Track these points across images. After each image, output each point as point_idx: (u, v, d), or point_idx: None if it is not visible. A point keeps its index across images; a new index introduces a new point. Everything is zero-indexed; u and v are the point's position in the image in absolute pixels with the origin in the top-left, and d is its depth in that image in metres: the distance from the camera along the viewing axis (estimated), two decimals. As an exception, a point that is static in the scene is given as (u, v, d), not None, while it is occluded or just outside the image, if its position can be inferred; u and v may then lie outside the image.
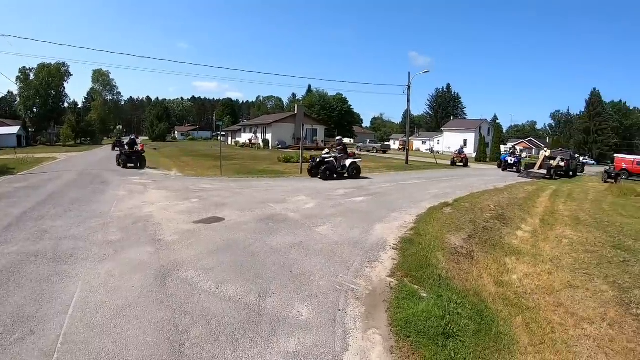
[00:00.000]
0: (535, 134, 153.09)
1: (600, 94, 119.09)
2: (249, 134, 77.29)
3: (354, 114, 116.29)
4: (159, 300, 6.07)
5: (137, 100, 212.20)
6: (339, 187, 19.38)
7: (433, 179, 27.62)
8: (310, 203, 14.56)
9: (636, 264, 10.02)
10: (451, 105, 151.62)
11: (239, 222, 11.18)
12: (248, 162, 34.45)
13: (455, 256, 9.38)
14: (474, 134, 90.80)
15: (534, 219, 14.98)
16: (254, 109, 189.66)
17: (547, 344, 6.18)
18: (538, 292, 8.23)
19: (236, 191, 17.15)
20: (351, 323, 5.79)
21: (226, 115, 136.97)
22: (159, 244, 8.98)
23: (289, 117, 66.65)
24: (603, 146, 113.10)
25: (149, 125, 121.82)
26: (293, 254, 8.54)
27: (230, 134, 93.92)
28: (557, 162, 36.87)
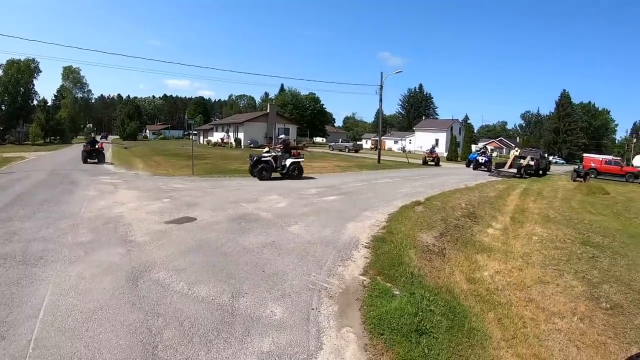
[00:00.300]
0: (506, 134, 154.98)
1: (569, 95, 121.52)
2: (220, 133, 76.85)
3: (326, 113, 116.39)
4: (131, 302, 5.98)
5: (108, 98, 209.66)
6: (311, 186, 19.38)
7: (405, 178, 27.75)
8: (282, 202, 14.52)
9: (605, 260, 10.22)
10: (423, 105, 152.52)
11: (211, 222, 11.09)
12: (220, 162, 34.18)
13: (427, 254, 9.43)
14: (446, 133, 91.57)
15: (505, 216, 15.14)
16: (226, 108, 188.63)
17: (519, 339, 6.27)
18: (509, 288, 8.34)
19: (208, 191, 17.04)
20: (325, 322, 5.77)
21: (198, 114, 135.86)
22: (130, 244, 8.85)
23: (261, 116, 66.64)
24: (572, 146, 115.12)
25: (119, 124, 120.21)
26: (266, 254, 8.49)
27: (202, 133, 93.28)
28: (527, 161, 37.37)
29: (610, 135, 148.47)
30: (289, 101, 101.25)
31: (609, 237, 12.47)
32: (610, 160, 46.71)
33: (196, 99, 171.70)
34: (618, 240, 12.22)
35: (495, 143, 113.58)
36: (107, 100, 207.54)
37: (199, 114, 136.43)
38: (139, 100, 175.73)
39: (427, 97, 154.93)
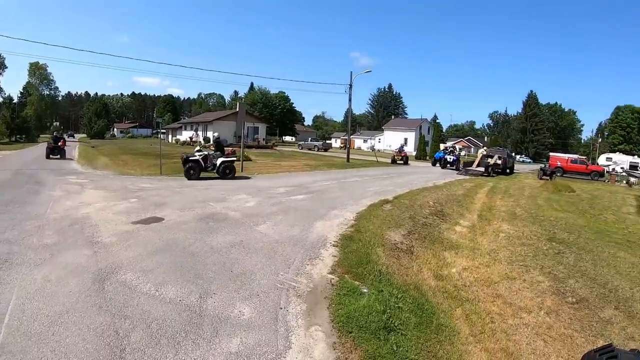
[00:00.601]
0: (474, 133, 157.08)
1: (537, 95, 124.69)
2: (189, 132, 76.40)
3: (295, 112, 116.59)
4: (98, 305, 5.86)
5: (76, 96, 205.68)
6: (279, 186, 19.29)
7: (373, 176, 27.80)
8: (250, 201, 14.43)
9: (570, 256, 10.39)
10: (392, 104, 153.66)
11: (178, 222, 10.95)
12: (189, 161, 33.89)
13: (395, 252, 9.46)
14: (414, 132, 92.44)
15: (472, 214, 15.28)
16: (196, 106, 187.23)
17: (487, 334, 6.33)
18: (477, 284, 8.42)
19: (176, 190, 16.85)
20: (293, 321, 5.74)
21: (167, 112, 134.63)
22: (96, 246, 8.66)
23: (230, 115, 66.13)
24: (539, 145, 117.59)
25: (87, 122, 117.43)
26: (234, 253, 8.41)
27: (170, 132, 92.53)
28: (494, 160, 37.80)
29: (576, 135, 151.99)
30: (259, 100, 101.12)
31: (575, 234, 12.67)
32: (576, 160, 47.75)
33: (165, 97, 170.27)
34: (583, 237, 12.43)
35: (463, 142, 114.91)
36: (75, 97, 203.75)
37: (167, 113, 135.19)
38: (107, 97, 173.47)
39: (397, 96, 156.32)
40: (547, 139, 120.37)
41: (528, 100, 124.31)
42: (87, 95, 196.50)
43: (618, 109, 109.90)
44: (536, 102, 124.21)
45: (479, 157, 39.80)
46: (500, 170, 37.94)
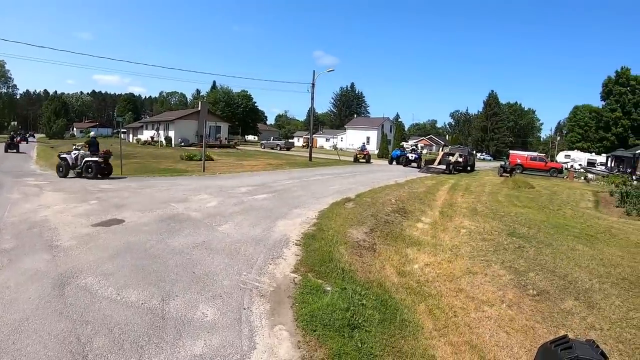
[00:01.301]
0: (436, 132, 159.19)
1: (497, 95, 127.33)
2: (151, 131, 75.47)
3: (258, 111, 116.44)
4: (58, 311, 5.72)
5: (34, 94, 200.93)
6: (241, 185, 19.20)
7: (336, 175, 27.94)
8: (212, 201, 14.32)
9: (530, 249, 10.56)
10: (355, 103, 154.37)
11: (139, 224, 10.80)
12: (149, 161, 33.61)
13: (357, 249, 9.49)
14: (377, 131, 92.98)
15: (434, 211, 15.41)
16: (157, 105, 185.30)
17: (451, 328, 6.41)
18: (439, 279, 8.50)
19: (137, 191, 16.61)
20: (257, 321, 5.71)
21: (128, 111, 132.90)
22: (56, 250, 8.47)
23: (192, 114, 65.54)
24: (499, 143, 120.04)
25: (45, 122, 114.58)
26: (196, 254, 8.33)
27: (131, 131, 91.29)
28: (455, 158, 38.33)
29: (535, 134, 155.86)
30: (221, 99, 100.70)
31: (534, 228, 12.88)
32: (535, 157, 48.92)
33: (126, 96, 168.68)
34: (543, 231, 12.64)
35: (425, 141, 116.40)
36: (33, 96, 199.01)
37: (128, 111, 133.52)
38: (67, 96, 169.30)
39: (359, 95, 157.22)
40: (507, 137, 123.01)
41: (489, 99, 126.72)
42: (46, 93, 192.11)
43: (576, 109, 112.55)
44: (496, 102, 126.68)
45: (440, 155, 40.33)
46: (461, 168, 38.50)
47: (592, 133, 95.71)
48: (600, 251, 10.91)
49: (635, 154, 53.91)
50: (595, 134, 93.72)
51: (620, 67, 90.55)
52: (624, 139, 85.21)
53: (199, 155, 33.06)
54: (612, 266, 9.70)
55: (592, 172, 48.89)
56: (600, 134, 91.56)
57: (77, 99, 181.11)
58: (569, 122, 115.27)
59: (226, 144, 68.64)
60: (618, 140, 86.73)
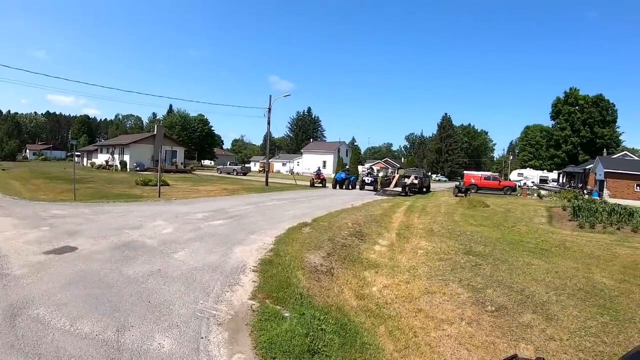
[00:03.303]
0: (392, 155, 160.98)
1: (450, 118, 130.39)
2: (105, 155, 74.37)
3: (215, 135, 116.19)
4: (9, 344, 5.50)
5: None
6: (198, 211, 18.99)
7: (292, 200, 27.91)
8: (168, 228, 14.11)
9: (487, 267, 10.77)
10: (311, 127, 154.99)
11: (92, 251, 10.52)
12: (104, 186, 32.97)
13: (315, 274, 9.49)
14: (333, 155, 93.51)
15: (391, 233, 15.54)
16: (112, 128, 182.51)
17: (412, 348, 6.44)
18: (398, 300, 8.56)
19: (90, 217, 16.24)
20: (215, 350, 5.63)
21: (82, 134, 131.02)
22: (6, 279, 8.17)
23: (148, 138, 64.97)
24: (454, 164, 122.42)
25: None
26: (151, 283, 8.18)
27: (86, 155, 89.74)
28: (411, 180, 38.88)
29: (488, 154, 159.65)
30: (178, 122, 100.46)
31: (490, 246, 13.12)
32: (489, 176, 50.26)
33: (81, 118, 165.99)
34: (498, 248, 12.90)
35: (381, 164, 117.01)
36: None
37: (83, 134, 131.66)
38: (20, 116, 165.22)
39: (315, 120, 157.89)
40: (461, 158, 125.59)
41: (442, 122, 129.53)
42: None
43: (527, 128, 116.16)
44: (450, 124, 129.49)
45: (396, 178, 40.77)
46: (417, 190, 39.09)
47: (544, 151, 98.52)
48: (556, 264, 11.23)
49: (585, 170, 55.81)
50: (547, 152, 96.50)
51: (569, 87, 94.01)
52: (574, 156, 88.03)
53: (154, 180, 32.63)
54: (567, 278, 9.99)
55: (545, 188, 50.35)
56: (551, 151, 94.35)
57: (30, 120, 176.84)
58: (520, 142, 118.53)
59: (182, 168, 68.05)
60: (568, 157, 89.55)
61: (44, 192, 27.73)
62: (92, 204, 21.41)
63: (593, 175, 51.15)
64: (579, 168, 62.63)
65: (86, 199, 23.69)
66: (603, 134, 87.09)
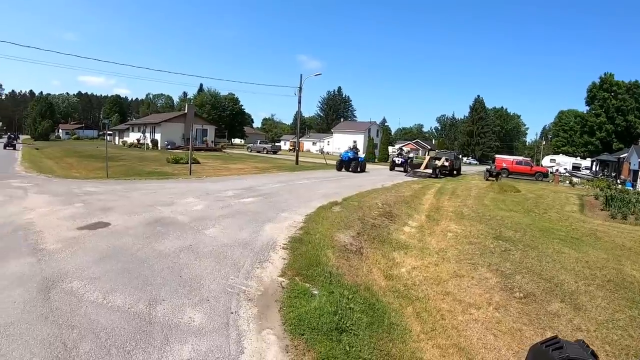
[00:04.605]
0: (422, 136, 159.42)
1: (483, 100, 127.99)
2: (137, 134, 75.05)
3: (245, 114, 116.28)
4: (44, 316, 5.64)
5: (20, 95, 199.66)
6: (228, 189, 19.10)
7: (323, 179, 27.89)
8: (199, 205, 14.23)
9: (516, 252, 10.62)
10: (342, 107, 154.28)
11: (125, 227, 10.67)
12: (135, 164, 33.35)
13: (345, 253, 9.48)
14: (363, 135, 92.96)
15: (420, 214, 15.45)
16: (143, 107, 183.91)
17: (438, 331, 6.42)
18: (426, 282, 8.52)
19: (122, 194, 16.46)
20: (245, 325, 5.68)
21: (114, 113, 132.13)
22: (41, 253, 8.35)
23: (179, 117, 65.39)
24: (485, 147, 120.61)
25: (31, 123, 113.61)
26: (182, 258, 8.27)
27: (117, 133, 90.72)
28: (441, 162, 38.50)
29: (521, 138, 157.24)
30: (208, 101, 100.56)
31: (520, 232, 12.95)
32: (521, 161, 49.15)
33: (112, 98, 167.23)
34: (529, 234, 12.71)
35: (411, 145, 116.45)
36: (19, 96, 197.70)
37: (114, 113, 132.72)
38: (53, 97, 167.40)
39: (346, 99, 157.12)
40: (493, 141, 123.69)
41: (475, 104, 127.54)
42: (32, 94, 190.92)
43: (561, 113, 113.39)
44: (483, 106, 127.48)
45: (426, 159, 40.44)
46: (447, 172, 38.70)
47: (577, 137, 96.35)
48: (586, 254, 11.02)
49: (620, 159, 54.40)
50: (580, 139, 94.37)
51: (604, 72, 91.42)
52: (608, 144, 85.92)
53: (185, 158, 32.96)
54: (597, 268, 9.80)
55: (577, 176, 49.48)
56: (585, 138, 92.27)
57: (63, 100, 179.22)
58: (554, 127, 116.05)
59: (213, 147, 68.38)
60: (602, 144, 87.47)
61: (76, 170, 28.22)
62: (124, 181, 21.71)
63: (627, 165, 49.70)
64: (612, 157, 61.01)
65: (118, 176, 24.04)
66: (637, 123, 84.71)
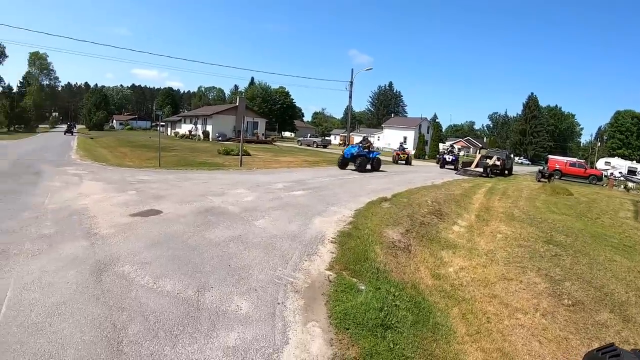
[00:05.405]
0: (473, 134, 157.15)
1: (537, 98, 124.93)
2: (189, 125, 76.25)
3: (295, 107, 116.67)
4: (95, 297, 5.85)
5: (75, 87, 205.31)
6: (278, 181, 19.26)
7: (372, 174, 27.69)
8: (249, 196, 14.40)
9: (567, 258, 10.38)
10: (392, 102, 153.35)
11: (177, 215, 10.92)
12: (187, 154, 33.89)
13: (392, 250, 9.45)
14: (414, 131, 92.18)
15: (470, 214, 15.27)
16: (195, 100, 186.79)
17: (483, 334, 6.35)
18: (473, 284, 8.42)
19: (174, 183, 16.80)
20: (291, 316, 5.75)
21: (166, 105, 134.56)
22: (94, 237, 8.64)
23: (230, 109, 65.95)
24: (538, 147, 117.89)
25: (86, 113, 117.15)
26: (232, 248, 8.40)
27: (169, 125, 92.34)
28: (493, 161, 37.88)
29: (575, 139, 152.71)
30: (259, 95, 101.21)
31: (572, 237, 12.66)
32: (575, 163, 47.82)
33: (165, 90, 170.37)
34: (580, 240, 12.42)
35: (462, 142, 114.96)
36: (74, 88, 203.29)
37: (167, 105, 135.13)
38: (107, 89, 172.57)
39: (397, 94, 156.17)
40: (546, 141, 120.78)
41: (528, 102, 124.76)
42: (87, 86, 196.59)
43: (618, 114, 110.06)
44: (536, 105, 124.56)
45: (477, 158, 39.87)
46: (498, 172, 37.99)
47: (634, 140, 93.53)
48: (639, 263, 10.71)
49: (680, 164, 52.48)
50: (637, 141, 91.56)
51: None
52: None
53: (236, 150, 33.32)
54: (650, 280, 9.51)
55: (633, 180, 47.88)
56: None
57: (117, 92, 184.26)
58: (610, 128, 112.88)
59: (263, 139, 68.84)
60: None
61: (130, 159, 28.89)
62: (176, 170, 22.14)
63: (687, 171, 48.17)
64: (672, 162, 59.19)
65: (170, 166, 24.54)
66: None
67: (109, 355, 4.54)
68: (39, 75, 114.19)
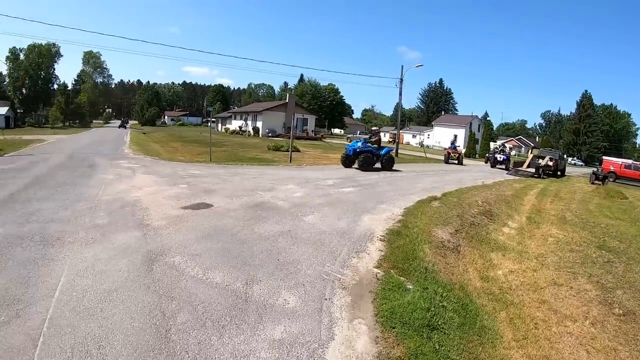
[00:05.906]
0: (525, 133, 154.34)
1: (591, 96, 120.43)
2: (239, 121, 77.17)
3: (345, 104, 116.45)
4: (146, 285, 6.03)
5: (128, 84, 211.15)
6: (328, 177, 19.35)
7: (422, 172, 27.61)
8: (298, 192, 14.51)
9: (620, 265, 10.08)
10: (443, 100, 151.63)
11: (227, 209, 11.12)
12: (238, 150, 34.34)
13: (441, 250, 9.38)
14: (465, 129, 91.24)
15: (521, 216, 15.02)
16: (245, 96, 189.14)
17: (530, 340, 6.23)
18: (522, 288, 8.29)
19: (225, 178, 17.06)
20: (337, 312, 5.78)
21: (217, 102, 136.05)
22: (146, 228, 8.91)
23: (279, 106, 66.42)
24: (592, 148, 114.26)
25: (138, 109, 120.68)
26: (281, 242, 8.50)
27: (220, 121, 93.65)
28: (545, 161, 37.04)
29: (631, 139, 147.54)
30: (308, 91, 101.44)
31: (625, 243, 12.31)
32: (630, 165, 46.07)
33: (215, 87, 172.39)
34: (634, 246, 12.06)
35: (514, 142, 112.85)
36: (127, 85, 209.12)
37: (217, 102, 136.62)
38: (158, 86, 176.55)
39: (447, 92, 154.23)
40: (600, 141, 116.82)
41: (582, 100, 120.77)
42: (139, 83, 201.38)
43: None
44: (590, 103, 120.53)
45: (529, 158, 39.10)
46: (551, 172, 37.10)
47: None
48: (697, 274, 10.36)
49: None
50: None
51: None
52: None
53: (285, 146, 33.56)
54: None
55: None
56: None
57: (169, 89, 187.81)
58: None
59: (313, 136, 69.13)
60: None
61: (181, 154, 29.45)
62: (226, 165, 22.51)
63: None
64: None
65: (221, 161, 24.92)
66: None
67: (157, 342, 4.68)
68: (93, 73, 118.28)
